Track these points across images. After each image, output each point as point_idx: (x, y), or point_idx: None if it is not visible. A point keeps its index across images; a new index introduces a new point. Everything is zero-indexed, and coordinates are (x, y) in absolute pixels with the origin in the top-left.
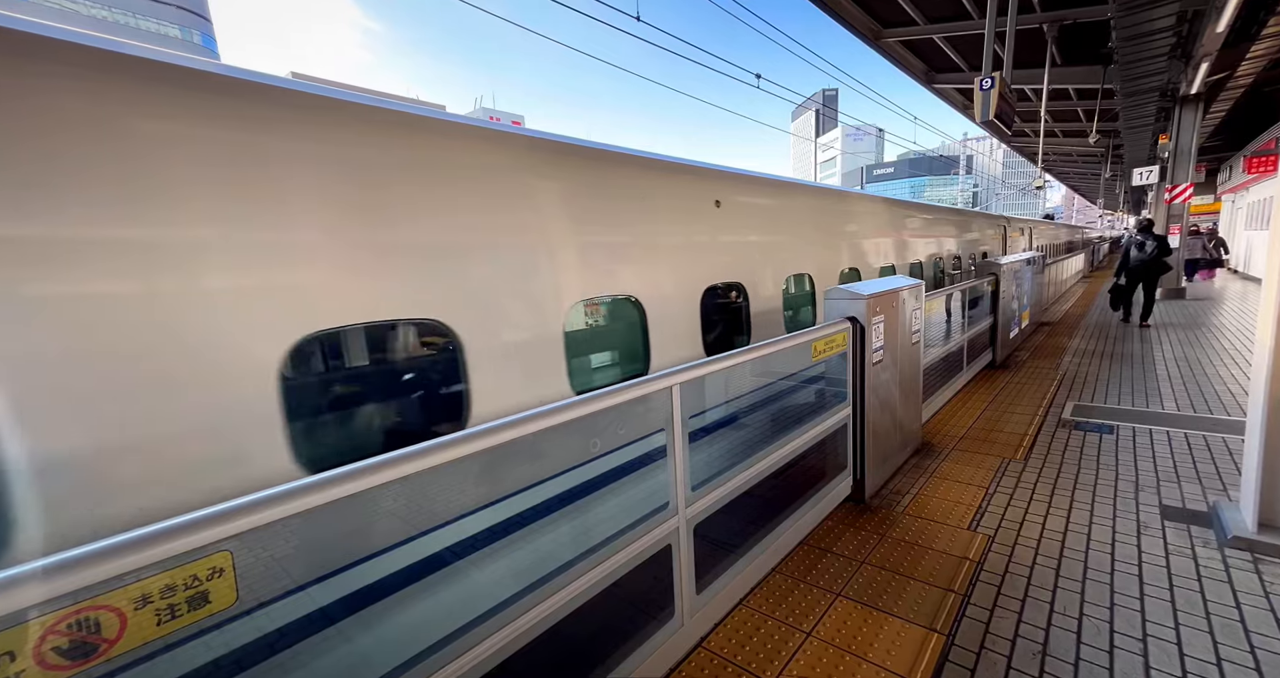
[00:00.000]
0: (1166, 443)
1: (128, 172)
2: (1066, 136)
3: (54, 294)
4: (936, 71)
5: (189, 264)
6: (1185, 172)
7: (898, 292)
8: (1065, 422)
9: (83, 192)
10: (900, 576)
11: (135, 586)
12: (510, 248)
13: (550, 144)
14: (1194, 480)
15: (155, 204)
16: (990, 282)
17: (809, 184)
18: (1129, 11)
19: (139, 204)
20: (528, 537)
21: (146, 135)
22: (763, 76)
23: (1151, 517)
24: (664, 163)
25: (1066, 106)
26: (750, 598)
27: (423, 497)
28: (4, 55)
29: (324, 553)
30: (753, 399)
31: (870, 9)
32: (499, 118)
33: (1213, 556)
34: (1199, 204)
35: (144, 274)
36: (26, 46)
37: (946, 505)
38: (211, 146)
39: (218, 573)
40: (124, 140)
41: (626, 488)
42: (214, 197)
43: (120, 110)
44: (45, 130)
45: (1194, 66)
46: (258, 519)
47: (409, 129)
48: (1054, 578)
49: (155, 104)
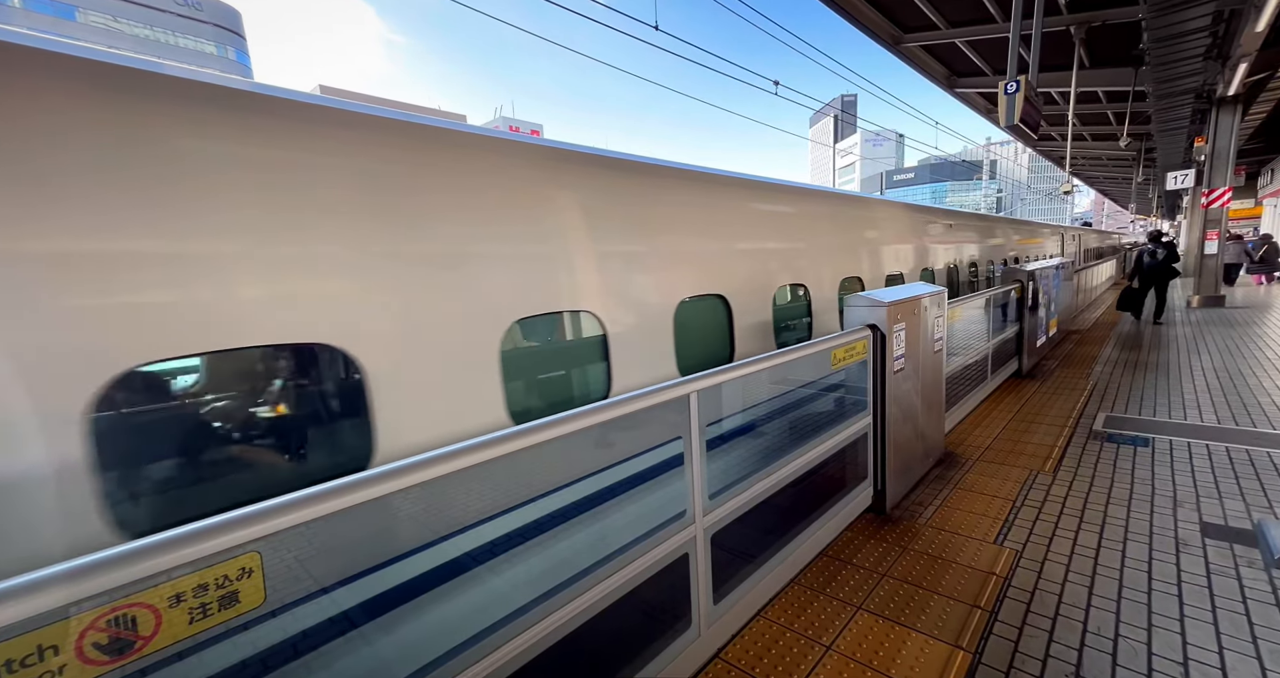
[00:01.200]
0: (1206, 457)
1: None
2: (1095, 140)
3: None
4: (959, 76)
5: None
6: (1223, 175)
7: (919, 299)
8: (1097, 433)
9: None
10: (924, 590)
11: (168, 584)
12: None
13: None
14: (1236, 497)
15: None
16: (1017, 288)
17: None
18: (1162, 12)
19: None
20: (544, 543)
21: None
22: (781, 83)
23: (1191, 534)
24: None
25: (1095, 109)
26: (769, 609)
27: (442, 501)
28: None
29: (344, 557)
30: (771, 407)
31: (890, 14)
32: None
33: (1259, 577)
34: (1238, 208)
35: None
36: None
37: (971, 519)
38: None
39: (247, 573)
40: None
41: (643, 495)
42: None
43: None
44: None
45: (1231, 67)
46: (286, 522)
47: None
48: (1087, 596)
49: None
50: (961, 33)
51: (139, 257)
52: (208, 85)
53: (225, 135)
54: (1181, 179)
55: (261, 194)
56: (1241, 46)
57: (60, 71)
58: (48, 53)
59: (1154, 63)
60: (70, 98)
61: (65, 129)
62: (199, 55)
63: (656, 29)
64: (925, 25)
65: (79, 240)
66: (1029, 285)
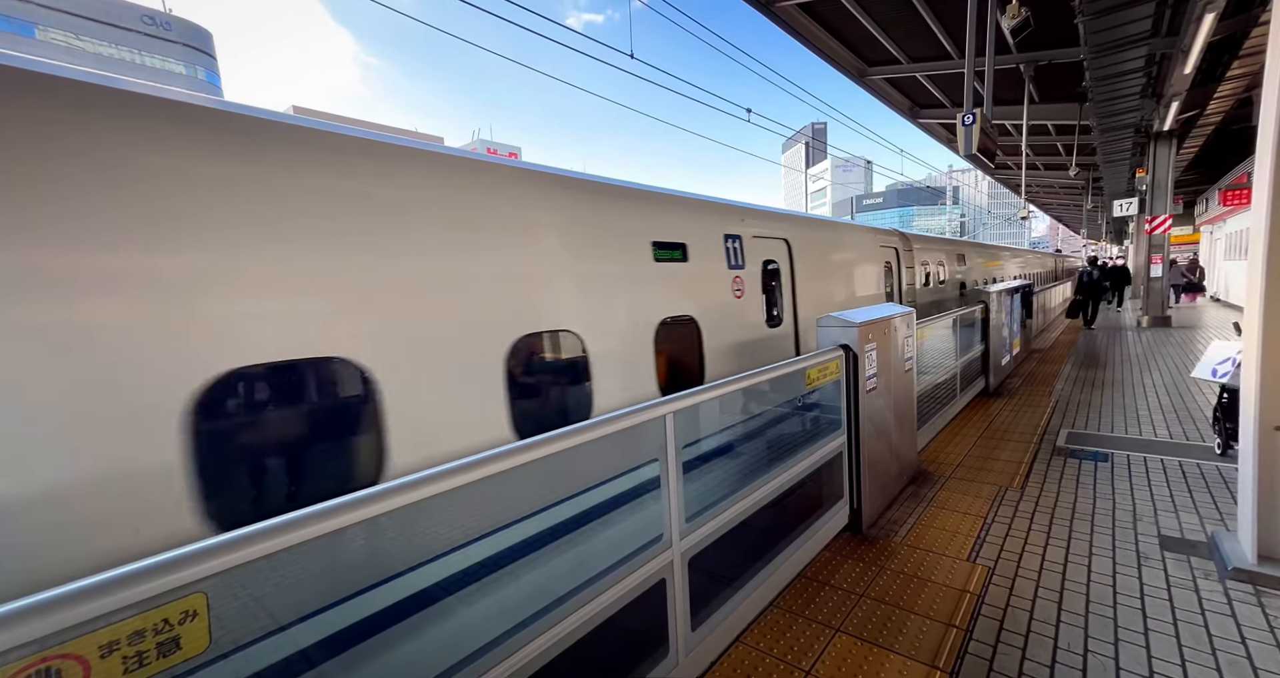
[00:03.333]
0: (1161, 471)
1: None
2: (1048, 169)
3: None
4: (920, 107)
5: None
6: (1163, 204)
7: (889, 319)
8: (1060, 449)
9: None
10: (900, 609)
11: (104, 631)
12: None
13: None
14: (1191, 510)
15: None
16: (981, 309)
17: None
18: (1100, 54)
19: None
20: (515, 572)
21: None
22: (753, 111)
23: (1151, 547)
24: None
25: (1046, 141)
26: (747, 634)
27: (405, 531)
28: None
29: (299, 592)
30: (746, 428)
31: (855, 49)
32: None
33: (1214, 588)
34: (1179, 235)
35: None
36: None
37: (945, 536)
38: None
39: (191, 616)
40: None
41: (618, 519)
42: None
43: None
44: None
45: (1165, 105)
46: (233, 559)
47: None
48: (1057, 612)
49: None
50: (922, 68)
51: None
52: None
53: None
54: (1127, 207)
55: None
56: (1173, 86)
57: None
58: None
59: (1096, 99)
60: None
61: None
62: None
63: (632, 57)
64: (888, 60)
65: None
66: (992, 305)
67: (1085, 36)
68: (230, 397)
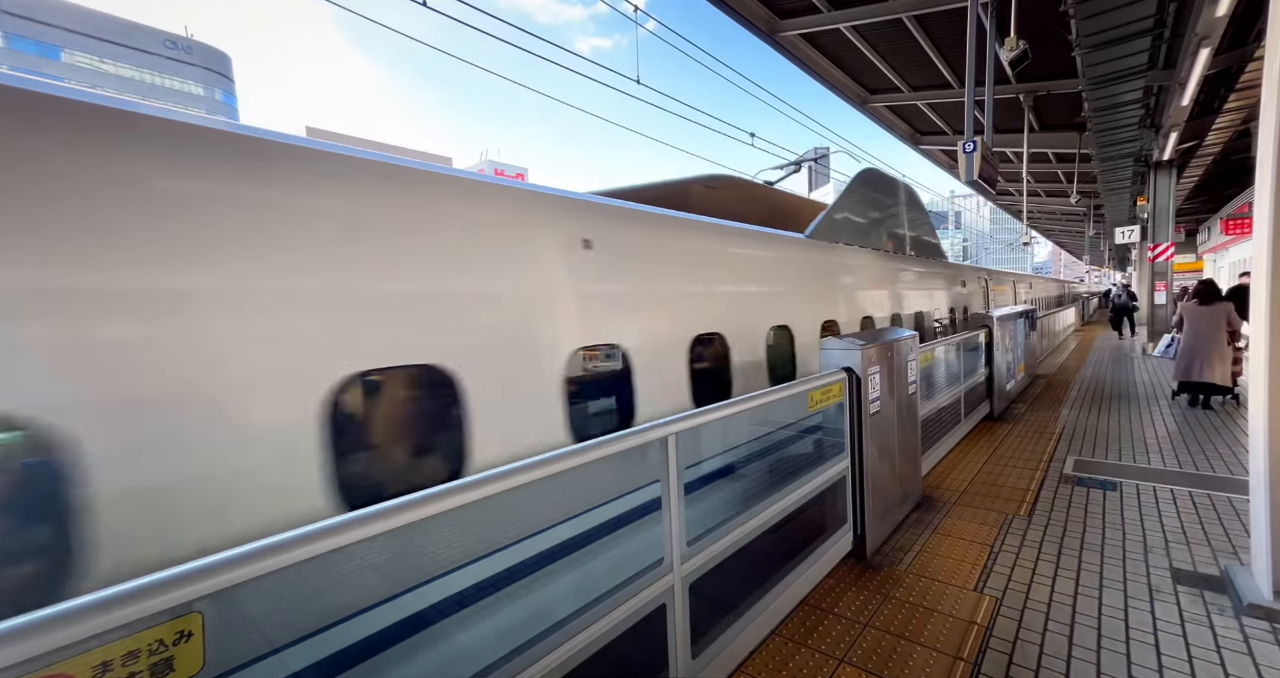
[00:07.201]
0: (1171, 501)
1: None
2: (1049, 196)
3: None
4: (922, 134)
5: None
6: (1165, 232)
7: (893, 343)
8: (1067, 477)
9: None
10: (906, 640)
11: (97, 651)
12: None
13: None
14: (1203, 542)
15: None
16: (985, 333)
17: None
18: (1098, 85)
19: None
20: (513, 595)
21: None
22: (757, 135)
23: (1163, 580)
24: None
25: (1047, 168)
26: (749, 663)
27: (402, 553)
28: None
29: (294, 613)
30: (748, 450)
31: (857, 78)
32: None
33: (1230, 625)
34: (1182, 263)
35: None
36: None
37: (950, 564)
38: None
39: (185, 637)
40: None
41: (618, 542)
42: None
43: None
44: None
45: (1164, 135)
46: (230, 579)
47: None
48: (1067, 647)
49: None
50: (922, 96)
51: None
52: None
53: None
54: (1129, 234)
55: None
56: (1170, 117)
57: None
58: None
59: (1095, 129)
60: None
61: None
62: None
63: (638, 83)
64: (890, 88)
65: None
66: (995, 330)
67: (1083, 69)
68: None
